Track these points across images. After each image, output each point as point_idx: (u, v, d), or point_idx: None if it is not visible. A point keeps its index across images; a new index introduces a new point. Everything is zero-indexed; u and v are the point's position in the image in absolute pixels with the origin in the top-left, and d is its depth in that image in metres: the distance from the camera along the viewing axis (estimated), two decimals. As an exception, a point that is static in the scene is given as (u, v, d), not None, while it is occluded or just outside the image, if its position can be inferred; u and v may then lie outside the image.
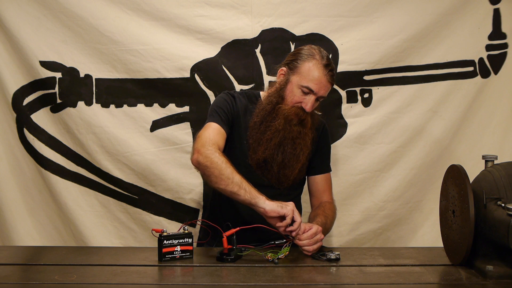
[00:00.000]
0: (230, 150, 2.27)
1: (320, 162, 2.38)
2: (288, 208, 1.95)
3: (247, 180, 2.03)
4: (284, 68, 2.27)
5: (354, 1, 2.74)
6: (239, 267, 1.87)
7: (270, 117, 2.23)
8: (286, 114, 2.21)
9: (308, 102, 2.20)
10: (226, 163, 2.02)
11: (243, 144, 2.26)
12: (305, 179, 2.40)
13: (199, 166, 2.06)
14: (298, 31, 2.75)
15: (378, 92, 2.81)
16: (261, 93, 2.38)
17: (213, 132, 2.17)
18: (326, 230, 2.18)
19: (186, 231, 1.95)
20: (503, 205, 1.70)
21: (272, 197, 2.18)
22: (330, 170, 2.43)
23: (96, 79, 2.77)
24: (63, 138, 2.82)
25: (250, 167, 2.24)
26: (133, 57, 2.73)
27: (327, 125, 2.45)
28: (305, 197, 2.46)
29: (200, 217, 2.70)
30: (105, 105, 2.79)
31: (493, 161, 1.88)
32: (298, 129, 2.22)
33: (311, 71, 2.19)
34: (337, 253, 1.94)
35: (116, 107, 2.79)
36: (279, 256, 1.93)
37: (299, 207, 2.40)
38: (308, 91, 2.20)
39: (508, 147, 2.82)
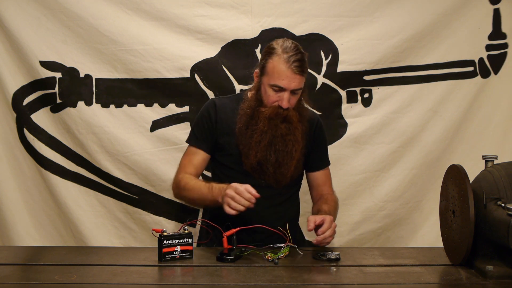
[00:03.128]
0: (223, 157, 2.28)
1: (318, 159, 2.36)
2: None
3: (244, 184, 2.10)
4: (256, 70, 2.24)
5: (354, 1, 2.75)
6: (239, 267, 1.87)
7: (253, 120, 2.19)
8: (266, 116, 2.17)
9: (283, 99, 2.15)
10: (188, 190, 2.17)
11: (235, 150, 2.24)
12: (302, 175, 2.38)
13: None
14: (298, 31, 2.75)
15: (378, 92, 2.81)
16: (249, 93, 2.33)
17: (187, 158, 2.28)
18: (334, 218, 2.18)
19: (186, 231, 1.95)
20: (503, 205, 1.70)
21: (271, 197, 2.20)
22: (329, 164, 2.40)
23: (96, 79, 2.77)
24: (63, 138, 2.82)
25: (246, 172, 2.23)
26: (133, 57, 2.73)
27: (321, 120, 2.39)
28: (304, 197, 2.46)
29: (200, 217, 2.70)
30: (105, 105, 2.79)
31: (493, 161, 1.88)
32: (286, 126, 2.18)
33: (275, 68, 2.13)
34: (337, 253, 1.94)
35: (116, 107, 2.79)
36: (279, 256, 1.93)
37: (296, 204, 2.39)
38: (278, 89, 2.15)
39: (508, 147, 2.82)
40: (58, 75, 2.76)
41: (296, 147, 2.20)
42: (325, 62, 2.77)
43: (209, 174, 2.45)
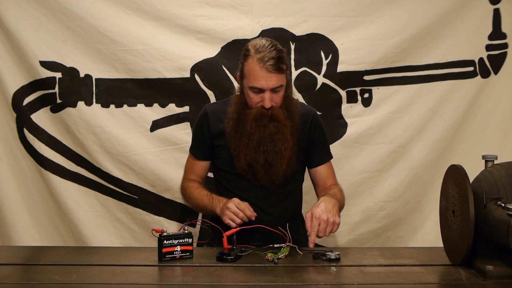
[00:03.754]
0: (218, 161, 2.29)
1: (318, 154, 2.32)
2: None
3: (239, 185, 2.20)
4: (238, 73, 2.23)
5: (354, 1, 2.75)
6: (239, 267, 1.87)
7: (241, 124, 2.19)
8: (251, 118, 2.16)
9: (265, 99, 2.13)
10: (192, 199, 2.29)
11: (227, 154, 2.24)
12: (299, 172, 2.34)
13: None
14: (298, 31, 2.75)
15: (378, 92, 2.81)
16: (235, 96, 2.30)
17: (189, 165, 2.38)
18: (339, 198, 2.16)
19: (186, 231, 1.95)
20: (503, 205, 1.70)
21: (267, 197, 2.20)
22: (331, 157, 2.36)
23: (96, 79, 2.77)
24: (63, 138, 2.82)
25: (240, 174, 2.23)
26: (133, 57, 2.73)
27: (317, 114, 2.35)
28: (305, 197, 2.45)
29: (200, 217, 2.70)
30: (105, 105, 2.79)
31: (493, 161, 1.88)
32: (274, 125, 2.16)
33: (250, 71, 2.12)
34: (337, 253, 1.94)
35: (116, 107, 2.79)
36: (279, 256, 1.93)
37: (297, 202, 2.38)
38: (257, 90, 2.13)
39: (508, 147, 2.83)
40: (58, 75, 2.77)
41: (285, 145, 2.18)
42: (325, 62, 2.77)
43: (211, 174, 2.46)
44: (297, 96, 2.69)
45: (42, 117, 2.80)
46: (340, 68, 2.76)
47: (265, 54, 2.10)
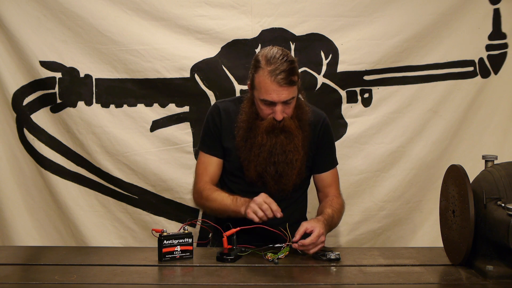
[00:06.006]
0: (227, 163, 2.27)
1: (324, 160, 2.31)
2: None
3: (248, 191, 2.14)
4: (248, 82, 2.20)
5: (354, 1, 2.75)
6: (239, 267, 1.87)
7: (252, 133, 2.16)
8: (263, 129, 2.14)
9: (277, 112, 2.10)
10: (210, 201, 2.16)
11: (238, 160, 2.22)
12: (307, 178, 2.34)
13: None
14: (298, 31, 2.75)
15: (378, 92, 2.81)
16: (245, 102, 2.26)
17: (202, 166, 2.27)
18: (333, 223, 2.16)
19: (186, 231, 1.95)
20: (503, 205, 1.71)
21: (276, 201, 2.18)
22: (336, 164, 2.35)
23: (96, 79, 2.77)
24: (63, 138, 2.82)
25: (249, 181, 2.21)
26: (133, 57, 2.73)
27: (327, 119, 2.33)
28: (308, 196, 2.45)
29: (200, 217, 2.70)
30: (105, 105, 2.79)
31: (493, 161, 1.88)
32: (285, 136, 2.14)
33: (261, 84, 2.07)
34: (337, 253, 1.94)
35: (116, 107, 2.79)
36: (279, 256, 1.93)
37: (302, 206, 2.38)
38: (268, 102, 2.10)
39: (508, 147, 2.83)
40: (58, 75, 2.77)
41: (296, 156, 2.17)
42: (325, 62, 2.77)
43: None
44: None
45: (42, 117, 2.80)
46: (340, 68, 2.76)
47: (276, 66, 2.05)
